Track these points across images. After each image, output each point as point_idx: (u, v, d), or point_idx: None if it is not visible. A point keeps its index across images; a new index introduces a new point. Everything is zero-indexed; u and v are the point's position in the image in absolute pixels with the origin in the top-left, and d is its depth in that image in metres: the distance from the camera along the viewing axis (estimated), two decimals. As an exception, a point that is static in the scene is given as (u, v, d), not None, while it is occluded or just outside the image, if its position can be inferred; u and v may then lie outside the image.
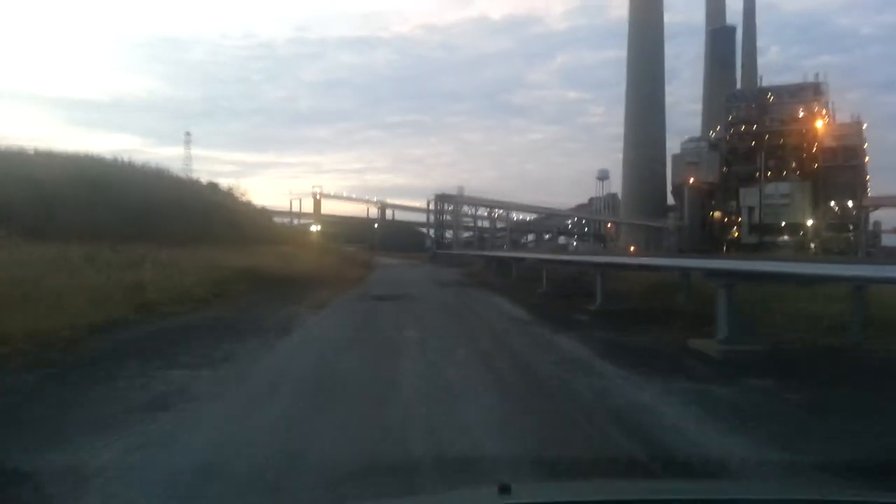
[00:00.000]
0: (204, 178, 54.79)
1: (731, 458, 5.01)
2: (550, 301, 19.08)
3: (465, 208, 78.72)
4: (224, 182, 53.57)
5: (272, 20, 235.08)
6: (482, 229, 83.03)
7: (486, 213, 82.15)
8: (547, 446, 5.39)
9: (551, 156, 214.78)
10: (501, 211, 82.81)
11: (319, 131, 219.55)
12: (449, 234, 78.33)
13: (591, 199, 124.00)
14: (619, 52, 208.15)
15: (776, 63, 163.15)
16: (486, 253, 39.85)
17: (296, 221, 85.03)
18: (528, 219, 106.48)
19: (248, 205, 56.52)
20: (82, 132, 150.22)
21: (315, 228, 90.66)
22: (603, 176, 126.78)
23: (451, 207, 76.42)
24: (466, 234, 79.38)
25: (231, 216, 44.48)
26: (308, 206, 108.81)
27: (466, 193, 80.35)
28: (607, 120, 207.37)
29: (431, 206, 78.16)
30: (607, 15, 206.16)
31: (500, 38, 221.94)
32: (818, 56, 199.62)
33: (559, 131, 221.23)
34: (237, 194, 58.30)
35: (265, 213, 62.11)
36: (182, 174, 53.81)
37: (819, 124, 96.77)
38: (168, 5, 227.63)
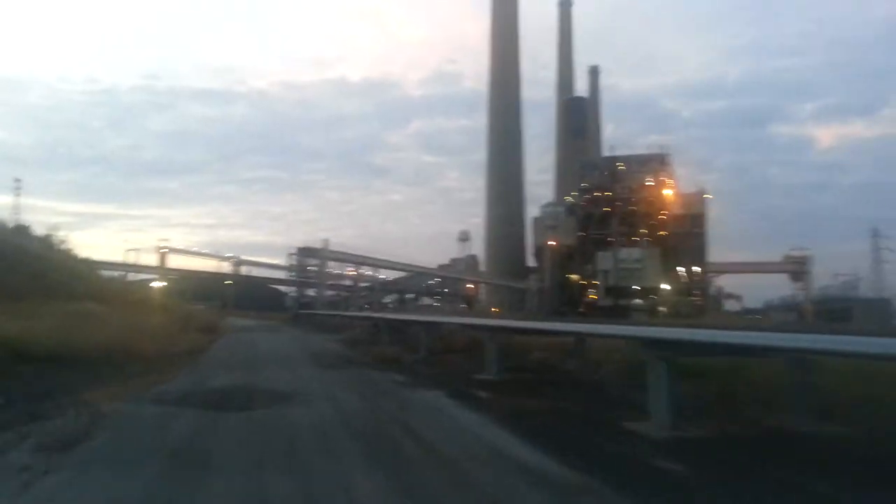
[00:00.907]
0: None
1: None
2: (532, 402, 10.12)
3: (330, 265, 68.66)
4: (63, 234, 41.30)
5: (117, 66, 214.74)
6: (348, 288, 73.06)
7: (351, 271, 72.35)
8: None
9: (411, 217, 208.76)
10: (368, 269, 73.45)
11: (168, 183, 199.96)
12: (311, 292, 67.68)
13: (452, 260, 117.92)
14: (471, 121, 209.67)
15: (612, 139, 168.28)
16: (375, 315, 30.11)
17: (132, 276, 70.81)
18: (387, 279, 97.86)
19: (68, 254, 43.86)
20: None
21: (158, 284, 76.76)
22: (464, 237, 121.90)
23: (314, 263, 66.10)
24: (330, 293, 69.12)
25: (40, 266, 32.78)
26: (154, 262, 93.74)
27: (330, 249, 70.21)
28: (463, 185, 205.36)
29: (293, 262, 67.26)
30: (460, 85, 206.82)
31: (358, 99, 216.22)
32: (648, 135, 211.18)
33: (418, 193, 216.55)
34: (54, 242, 45.54)
35: (90, 265, 48.96)
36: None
37: (667, 193, 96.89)
38: (0, 43, 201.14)
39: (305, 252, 65.43)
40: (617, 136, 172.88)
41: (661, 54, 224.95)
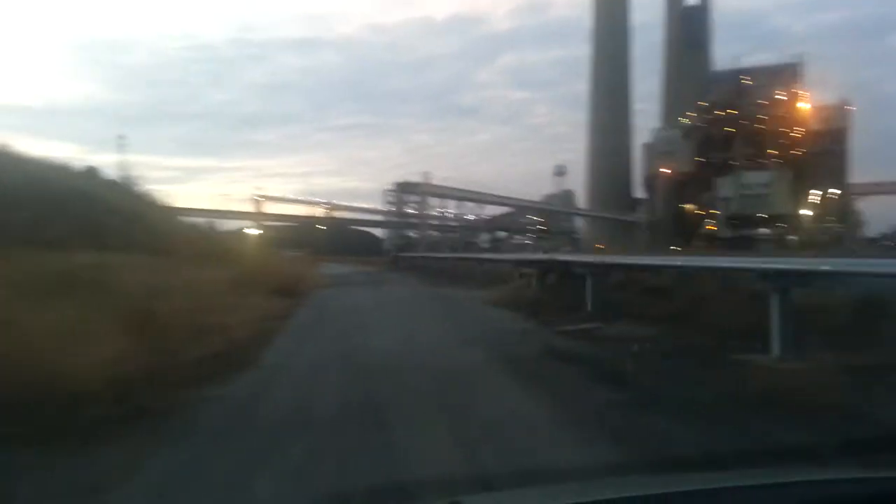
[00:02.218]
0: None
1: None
2: None
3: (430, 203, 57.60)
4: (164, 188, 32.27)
5: (213, 21, 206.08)
6: (452, 227, 61.85)
7: (452, 208, 60.97)
8: None
9: (502, 156, 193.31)
10: (472, 205, 61.69)
11: (265, 135, 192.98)
12: (411, 233, 56.99)
13: (546, 197, 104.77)
14: (563, 52, 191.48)
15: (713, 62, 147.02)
16: (570, 257, 17.16)
17: (226, 224, 62.28)
18: (479, 217, 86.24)
19: (142, 199, 34.75)
20: (15, 138, 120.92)
21: (252, 232, 68.70)
22: (560, 172, 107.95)
23: (413, 200, 55.16)
24: (433, 234, 58.32)
25: (97, 209, 23.57)
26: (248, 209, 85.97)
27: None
28: (553, 120, 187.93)
29: (390, 200, 56.35)
30: (550, 14, 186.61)
31: (445, 38, 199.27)
32: (754, 54, 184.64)
33: (508, 131, 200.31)
34: (130, 185, 36.48)
35: (169, 212, 39.77)
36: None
37: (803, 106, 79.74)
38: (103, 8, 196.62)
39: (404, 188, 54.46)
40: (716, 59, 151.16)
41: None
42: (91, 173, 33.53)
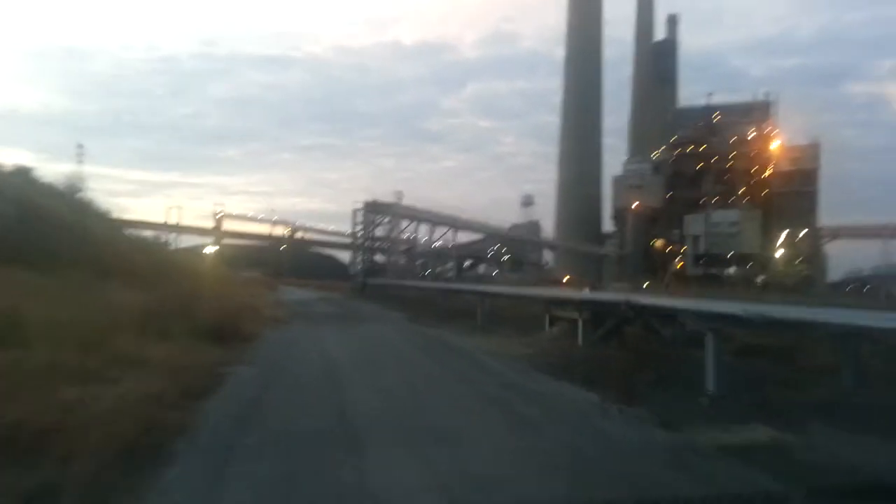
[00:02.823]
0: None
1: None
2: None
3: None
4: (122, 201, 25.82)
5: (177, 34, 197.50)
6: (418, 253, 56.42)
7: (424, 233, 55.68)
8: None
9: (466, 184, 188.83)
10: (446, 229, 56.61)
11: (227, 151, 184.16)
12: (380, 258, 51.35)
13: (512, 227, 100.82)
14: (529, 83, 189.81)
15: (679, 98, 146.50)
16: (667, 302, 11.46)
17: (178, 239, 56.05)
18: (443, 244, 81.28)
19: (83, 207, 28.69)
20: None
21: (210, 250, 62.69)
22: (528, 202, 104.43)
23: (382, 221, 49.59)
24: (402, 259, 52.89)
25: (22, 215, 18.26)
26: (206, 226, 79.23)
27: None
28: (519, 150, 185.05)
29: (358, 221, 50.54)
30: (518, 45, 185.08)
31: (413, 63, 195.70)
32: (715, 96, 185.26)
33: (473, 159, 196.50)
34: (70, 191, 30.27)
35: (111, 223, 33.30)
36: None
37: (774, 146, 77.85)
38: (65, 15, 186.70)
39: (375, 207, 48.91)
40: (684, 95, 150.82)
41: (729, 7, 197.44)
42: (21, 173, 27.17)
